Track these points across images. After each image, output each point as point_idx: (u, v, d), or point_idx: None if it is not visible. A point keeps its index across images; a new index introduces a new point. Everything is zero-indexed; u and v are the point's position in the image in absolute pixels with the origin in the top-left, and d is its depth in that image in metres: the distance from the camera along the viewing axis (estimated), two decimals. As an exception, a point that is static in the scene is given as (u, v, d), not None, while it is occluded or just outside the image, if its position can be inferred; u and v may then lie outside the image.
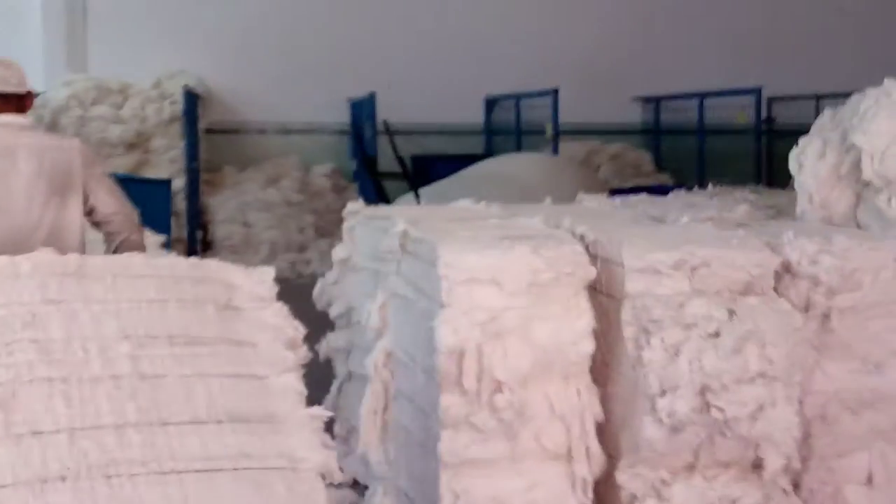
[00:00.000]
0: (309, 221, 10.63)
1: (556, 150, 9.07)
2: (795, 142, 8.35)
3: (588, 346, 3.12)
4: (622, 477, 3.16)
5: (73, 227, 3.51)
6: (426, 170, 9.30)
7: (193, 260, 3.31)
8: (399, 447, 3.75)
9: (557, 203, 4.75)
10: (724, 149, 9.93)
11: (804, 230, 3.41)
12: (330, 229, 10.75)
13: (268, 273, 2.81)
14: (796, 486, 3.27)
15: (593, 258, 3.24)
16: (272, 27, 11.11)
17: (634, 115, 11.51)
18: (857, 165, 3.82)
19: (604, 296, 3.29)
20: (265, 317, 2.73)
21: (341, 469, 4.07)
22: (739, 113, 9.40)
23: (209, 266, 3.03)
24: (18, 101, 3.49)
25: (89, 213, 3.83)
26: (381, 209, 4.54)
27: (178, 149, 10.40)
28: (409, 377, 3.57)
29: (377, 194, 7.91)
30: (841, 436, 3.29)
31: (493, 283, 3.06)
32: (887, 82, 3.69)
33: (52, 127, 10.21)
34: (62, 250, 3.05)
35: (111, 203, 3.63)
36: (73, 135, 10.35)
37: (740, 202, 4.51)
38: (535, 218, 3.75)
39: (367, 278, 4.34)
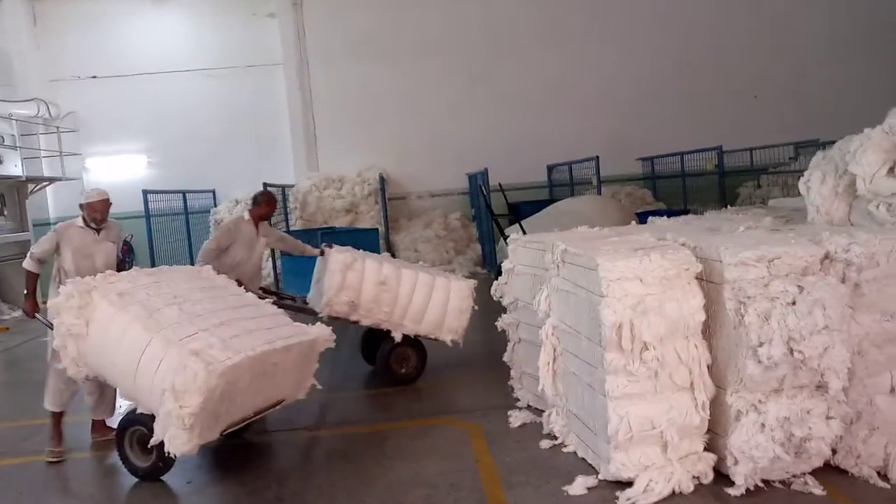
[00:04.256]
0: (450, 246, 13.80)
1: (599, 193, 11.76)
2: (740, 179, 10.60)
3: (701, 316, 3.61)
4: (730, 399, 3.58)
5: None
6: (516, 211, 12.04)
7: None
8: (567, 385, 4.30)
9: (609, 225, 5.53)
10: (695, 185, 13.24)
11: (833, 230, 3.86)
12: (462, 249, 14.06)
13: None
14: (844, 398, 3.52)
15: (697, 258, 3.68)
16: (420, 135, 14.45)
17: (638, 168, 15.11)
18: (849, 186, 4.28)
19: (706, 282, 3.66)
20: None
21: (517, 399, 5.33)
22: (708, 161, 12.62)
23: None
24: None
25: (277, 242, 6.34)
26: (534, 237, 5.14)
27: (374, 211, 13.60)
28: (573, 341, 4.10)
29: (494, 228, 9.93)
30: (871, 363, 3.66)
31: (636, 279, 3.60)
32: (867, 130, 4.23)
33: (303, 204, 13.47)
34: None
35: (282, 235, 6.40)
36: (314, 208, 13.62)
37: (760, 216, 4.93)
38: (644, 234, 4.25)
39: (527, 280, 5.07)
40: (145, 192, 11.19)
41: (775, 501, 3.54)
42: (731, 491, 3.62)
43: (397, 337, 5.91)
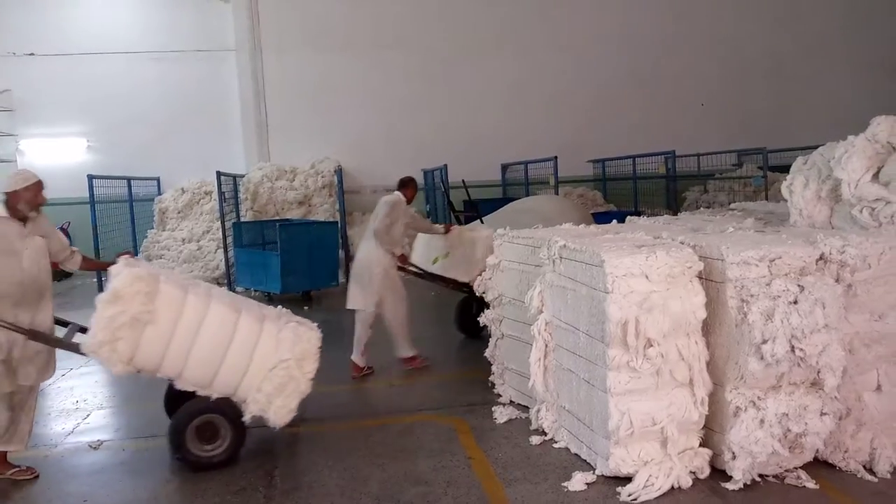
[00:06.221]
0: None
1: (557, 192, 12.00)
2: (687, 183, 11.17)
3: (703, 313, 3.62)
4: (729, 395, 3.63)
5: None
6: (477, 208, 11.01)
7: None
8: (560, 381, 4.27)
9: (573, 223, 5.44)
10: (643, 188, 13.60)
11: (827, 233, 3.98)
12: (416, 245, 13.86)
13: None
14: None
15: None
16: (376, 129, 14.24)
17: (588, 170, 15.41)
18: (831, 191, 4.37)
19: (706, 280, 3.70)
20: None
21: (499, 395, 5.26)
22: (660, 165, 12.83)
23: None
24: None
25: (411, 220, 6.23)
26: (521, 233, 5.11)
27: (327, 203, 13.26)
28: (569, 337, 4.06)
29: (453, 222, 9.20)
30: (860, 361, 3.75)
31: (642, 275, 3.59)
32: (851, 137, 4.32)
33: (254, 195, 13.04)
34: None
35: (414, 215, 6.34)
36: (266, 200, 13.19)
37: (739, 218, 5.04)
38: (639, 232, 4.32)
39: (513, 275, 5.03)
40: (90, 177, 10.68)
41: (771, 495, 3.60)
42: (729, 485, 3.67)
43: None
